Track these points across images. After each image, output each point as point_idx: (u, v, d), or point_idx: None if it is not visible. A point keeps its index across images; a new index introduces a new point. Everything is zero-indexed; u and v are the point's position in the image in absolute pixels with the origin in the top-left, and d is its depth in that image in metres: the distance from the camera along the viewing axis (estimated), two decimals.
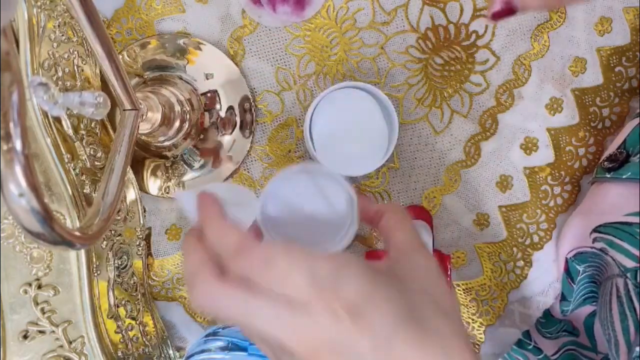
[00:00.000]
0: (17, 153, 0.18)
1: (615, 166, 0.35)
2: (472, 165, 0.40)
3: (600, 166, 0.37)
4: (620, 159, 0.35)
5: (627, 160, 0.35)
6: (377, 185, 0.41)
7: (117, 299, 0.36)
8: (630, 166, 0.34)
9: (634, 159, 0.34)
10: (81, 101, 0.23)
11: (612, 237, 0.34)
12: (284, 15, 0.39)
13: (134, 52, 0.39)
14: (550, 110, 0.40)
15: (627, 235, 0.33)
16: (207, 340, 0.39)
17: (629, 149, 0.35)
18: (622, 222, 0.34)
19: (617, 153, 0.36)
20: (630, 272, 0.33)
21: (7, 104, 0.18)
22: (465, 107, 0.40)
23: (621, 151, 0.36)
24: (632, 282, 0.32)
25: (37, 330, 0.33)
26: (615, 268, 0.34)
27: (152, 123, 0.35)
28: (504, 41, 0.40)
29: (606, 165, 0.36)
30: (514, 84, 0.40)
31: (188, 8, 0.39)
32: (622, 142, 0.36)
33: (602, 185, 0.36)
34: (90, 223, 0.26)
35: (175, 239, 0.42)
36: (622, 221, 0.34)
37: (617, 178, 0.34)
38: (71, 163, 0.33)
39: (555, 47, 0.40)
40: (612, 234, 0.34)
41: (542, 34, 0.40)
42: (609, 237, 0.34)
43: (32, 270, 0.33)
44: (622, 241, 0.33)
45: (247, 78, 0.40)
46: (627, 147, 0.36)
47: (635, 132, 0.35)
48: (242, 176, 0.41)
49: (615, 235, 0.34)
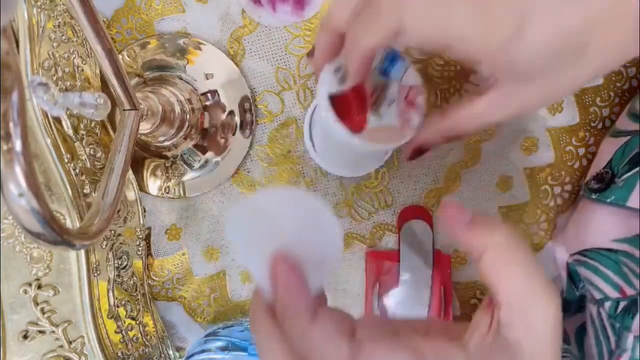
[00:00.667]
0: (17, 153, 0.18)
1: (601, 187, 0.34)
2: (472, 165, 0.40)
3: (587, 185, 0.36)
4: (606, 179, 0.34)
5: (612, 180, 0.33)
6: (377, 185, 0.41)
7: (117, 299, 0.36)
8: (614, 190, 0.33)
9: (618, 182, 0.33)
10: (81, 102, 0.23)
11: (596, 263, 0.33)
12: (283, 15, 0.39)
13: (134, 52, 0.39)
14: (551, 110, 0.40)
15: (612, 263, 0.32)
16: (207, 340, 0.39)
17: (614, 168, 0.34)
18: (609, 249, 0.33)
19: (604, 173, 0.35)
20: (611, 301, 0.32)
21: (7, 103, 0.18)
22: None
23: (607, 171, 0.35)
24: (607, 312, 0.32)
25: (37, 330, 0.33)
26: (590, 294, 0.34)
27: (152, 123, 0.35)
28: None
29: (592, 186, 0.35)
30: None
31: (188, 8, 0.39)
32: (608, 161, 0.35)
33: (589, 206, 0.36)
34: (90, 223, 0.26)
35: (175, 239, 0.42)
36: (609, 247, 0.33)
37: (602, 200, 0.33)
38: (71, 163, 0.33)
39: None
40: (598, 260, 0.33)
41: None
42: (594, 263, 0.33)
43: (32, 270, 0.33)
44: (606, 268, 0.33)
45: (247, 78, 0.40)
46: (612, 167, 0.35)
47: (620, 152, 0.35)
48: (242, 176, 0.41)
49: (600, 262, 0.33)
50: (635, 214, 0.31)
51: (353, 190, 0.41)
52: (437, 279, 0.39)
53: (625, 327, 0.30)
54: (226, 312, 0.43)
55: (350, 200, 0.41)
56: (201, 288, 0.42)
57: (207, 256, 0.42)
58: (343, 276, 0.42)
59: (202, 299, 0.43)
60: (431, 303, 0.39)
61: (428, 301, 0.39)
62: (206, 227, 0.42)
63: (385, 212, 0.41)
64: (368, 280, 0.41)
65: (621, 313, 0.31)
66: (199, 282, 0.42)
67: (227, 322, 0.42)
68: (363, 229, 0.41)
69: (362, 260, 0.42)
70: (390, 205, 0.41)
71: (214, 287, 0.42)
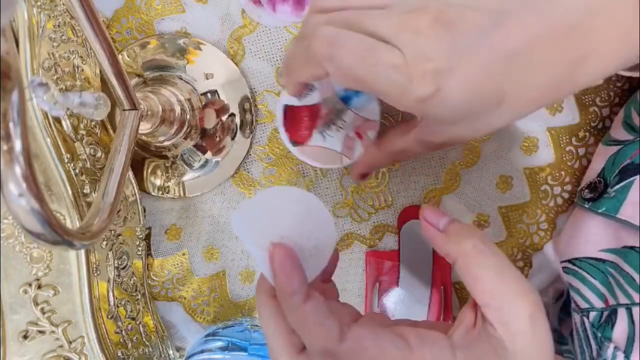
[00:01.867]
0: (17, 153, 0.18)
1: (594, 196, 0.34)
2: (472, 165, 0.40)
3: (580, 194, 0.36)
4: (599, 189, 0.34)
5: (605, 191, 0.33)
6: (377, 185, 0.41)
7: (117, 299, 0.36)
8: (605, 200, 0.33)
9: (610, 192, 0.33)
10: (81, 102, 0.23)
11: (584, 273, 0.33)
12: (283, 15, 0.39)
13: (134, 52, 0.39)
14: (551, 110, 0.40)
15: (600, 273, 0.32)
16: (207, 340, 0.39)
17: (606, 177, 0.34)
18: (597, 259, 0.33)
19: (597, 182, 0.35)
20: (596, 311, 0.32)
21: (7, 103, 0.18)
22: None
23: (600, 180, 0.35)
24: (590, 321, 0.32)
25: (37, 330, 0.33)
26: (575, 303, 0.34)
27: (152, 123, 0.35)
28: None
29: (586, 195, 0.35)
30: None
31: (188, 8, 0.39)
32: (601, 169, 0.35)
33: (580, 214, 0.36)
34: (90, 223, 0.26)
35: (175, 239, 0.42)
36: (597, 257, 0.33)
37: (594, 210, 0.33)
38: (71, 163, 0.33)
39: None
40: (586, 269, 0.33)
41: None
42: (582, 272, 0.33)
43: (32, 270, 0.33)
44: (593, 277, 0.33)
45: (247, 78, 0.40)
46: (605, 176, 0.35)
47: (611, 162, 0.35)
48: (242, 176, 0.41)
49: (588, 271, 0.33)
50: (624, 226, 0.31)
51: (353, 190, 0.41)
52: (437, 279, 0.39)
53: (607, 337, 0.30)
54: (226, 312, 0.43)
55: (350, 200, 0.41)
56: (201, 288, 0.42)
57: (207, 256, 0.42)
58: (343, 276, 0.42)
59: (202, 299, 0.43)
60: (431, 303, 0.39)
61: (428, 301, 0.39)
62: (206, 227, 0.42)
63: (385, 212, 0.41)
64: (368, 280, 0.41)
65: (603, 323, 0.31)
66: (199, 282, 0.42)
67: (227, 322, 0.42)
68: (363, 229, 0.41)
69: (362, 260, 0.42)
70: (390, 205, 0.41)
71: (214, 287, 0.42)
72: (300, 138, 0.34)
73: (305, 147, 0.34)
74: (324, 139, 0.34)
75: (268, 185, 0.41)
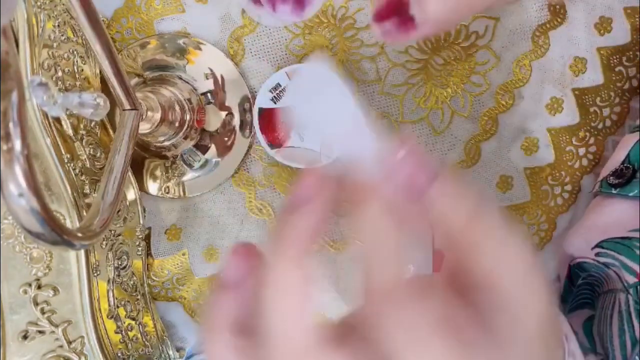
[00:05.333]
0: (17, 153, 0.18)
1: (622, 182, 0.34)
2: (472, 165, 0.40)
3: (606, 181, 0.36)
4: (627, 175, 0.34)
5: (633, 176, 0.34)
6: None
7: (117, 299, 0.36)
8: (636, 183, 0.33)
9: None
10: (80, 102, 0.23)
11: (614, 253, 0.34)
12: (283, 15, 0.39)
13: (133, 52, 0.39)
14: (551, 110, 0.40)
15: (627, 249, 0.33)
16: None
17: (634, 163, 0.35)
18: (624, 237, 0.33)
19: (624, 168, 0.35)
20: (632, 287, 0.32)
21: (7, 103, 0.18)
22: (465, 107, 0.40)
23: (627, 166, 0.35)
24: (633, 298, 0.32)
25: (36, 330, 0.33)
26: (619, 283, 0.34)
27: (152, 123, 0.35)
28: (504, 41, 0.40)
29: (612, 181, 0.35)
30: (514, 84, 0.40)
31: (188, 8, 0.39)
32: (625, 156, 0.36)
33: (607, 201, 0.36)
34: (90, 223, 0.26)
35: (175, 239, 0.42)
36: (624, 236, 0.33)
37: (623, 195, 0.34)
38: (71, 163, 0.33)
39: (555, 47, 0.40)
40: (614, 249, 0.34)
41: (543, 34, 0.40)
42: (612, 253, 0.34)
43: (32, 270, 0.33)
44: (623, 256, 0.33)
45: (247, 78, 0.40)
46: (631, 162, 0.35)
47: (637, 148, 0.35)
48: (242, 176, 0.41)
49: (616, 250, 0.34)
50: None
51: None
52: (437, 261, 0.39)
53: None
54: None
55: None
56: (201, 288, 0.42)
57: (207, 256, 0.42)
58: (343, 276, 0.42)
59: (202, 299, 0.43)
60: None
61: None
62: (206, 227, 0.42)
63: None
64: None
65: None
66: (199, 282, 0.42)
67: None
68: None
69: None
70: None
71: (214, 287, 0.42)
72: (278, 140, 0.34)
73: (284, 150, 0.34)
74: (301, 140, 0.34)
75: (268, 185, 0.41)
